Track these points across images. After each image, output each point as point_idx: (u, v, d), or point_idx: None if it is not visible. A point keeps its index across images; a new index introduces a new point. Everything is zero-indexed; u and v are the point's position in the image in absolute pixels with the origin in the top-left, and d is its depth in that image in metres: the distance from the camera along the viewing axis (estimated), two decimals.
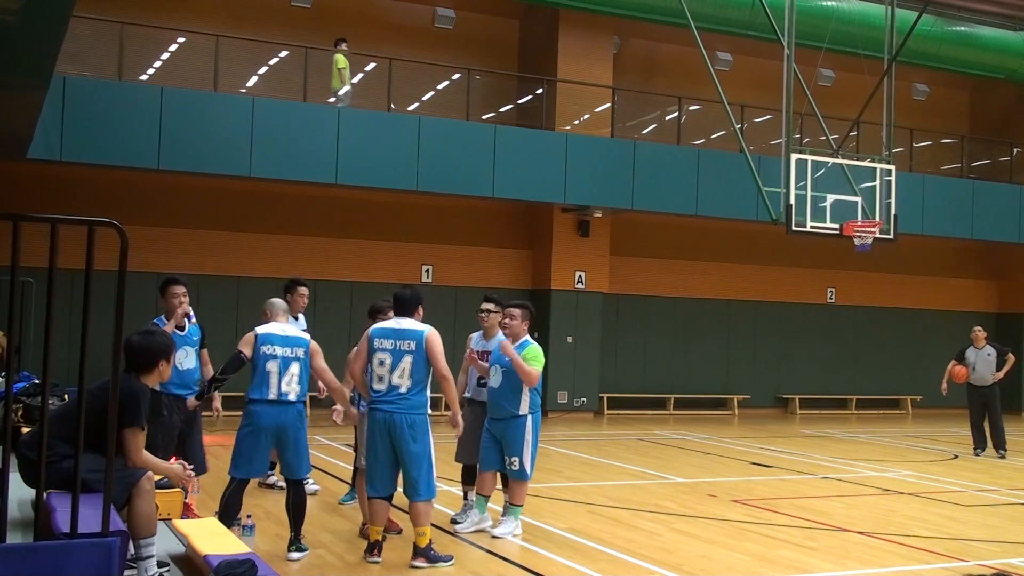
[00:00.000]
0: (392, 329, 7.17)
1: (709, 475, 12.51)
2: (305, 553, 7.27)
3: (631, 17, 19.21)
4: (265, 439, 7.20)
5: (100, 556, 4.52)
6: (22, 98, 10.59)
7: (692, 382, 21.48)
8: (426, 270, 19.35)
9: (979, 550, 8.39)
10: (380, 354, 7.10)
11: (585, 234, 19.74)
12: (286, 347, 7.28)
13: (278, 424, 7.18)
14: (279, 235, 18.13)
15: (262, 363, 7.20)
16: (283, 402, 7.19)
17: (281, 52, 18.09)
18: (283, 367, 7.22)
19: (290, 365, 7.23)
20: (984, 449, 14.87)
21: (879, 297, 23.32)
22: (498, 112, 19.62)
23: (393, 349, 7.09)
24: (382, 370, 7.06)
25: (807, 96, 17.39)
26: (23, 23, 7.66)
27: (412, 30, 19.44)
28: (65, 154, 14.65)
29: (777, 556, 7.82)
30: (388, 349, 7.09)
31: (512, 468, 8.06)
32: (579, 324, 19.65)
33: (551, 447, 14.27)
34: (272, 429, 7.18)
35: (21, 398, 10.47)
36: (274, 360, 7.21)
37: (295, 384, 7.22)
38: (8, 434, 6.47)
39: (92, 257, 4.53)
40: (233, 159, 15.63)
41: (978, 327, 15.37)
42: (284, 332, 7.39)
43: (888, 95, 17.35)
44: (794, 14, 16.45)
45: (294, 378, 7.22)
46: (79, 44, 15.04)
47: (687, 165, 18.67)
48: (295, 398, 7.23)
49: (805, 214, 15.94)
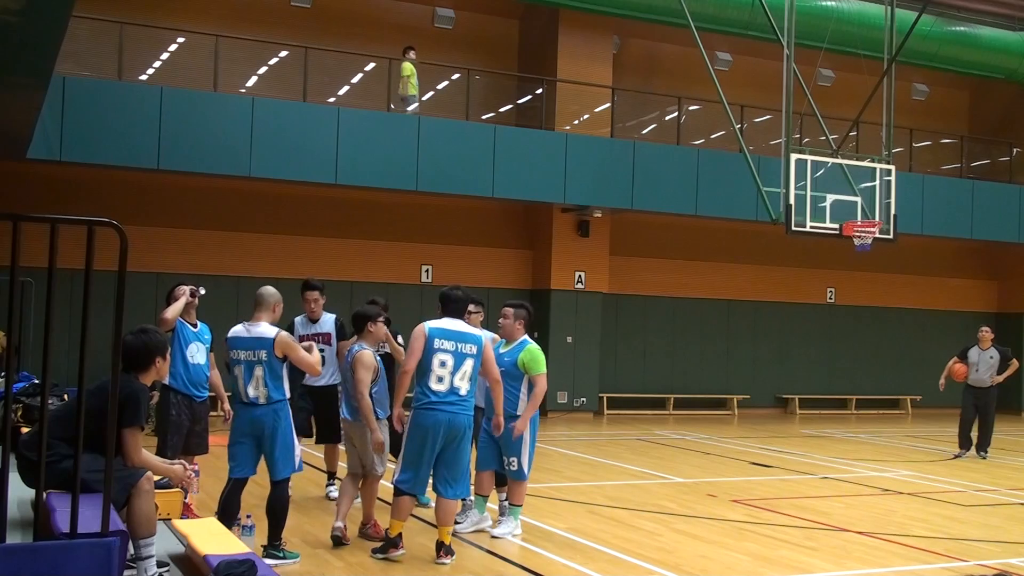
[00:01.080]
0: (452, 331, 7.13)
1: (709, 475, 12.51)
2: (285, 561, 6.92)
3: (631, 17, 19.20)
4: (245, 440, 7.02)
5: (100, 556, 4.53)
6: (22, 98, 10.60)
7: (692, 382, 21.48)
8: (426, 270, 19.35)
9: (979, 550, 8.39)
10: (441, 355, 7.04)
11: (585, 234, 19.75)
12: (247, 350, 6.92)
13: (252, 425, 6.96)
14: (279, 235, 18.12)
15: (232, 367, 7.03)
16: (254, 404, 6.93)
17: (281, 52, 18.09)
18: (247, 371, 6.92)
19: (254, 368, 6.90)
20: (968, 451, 14.66)
21: (879, 297, 23.32)
22: (498, 112, 19.62)
23: (455, 351, 7.05)
24: (443, 371, 7.03)
25: (807, 96, 17.39)
26: (23, 23, 7.67)
27: (412, 30, 19.43)
28: (65, 154, 14.64)
29: (777, 556, 7.81)
30: (449, 351, 7.05)
31: (511, 468, 8.05)
32: (579, 324, 19.65)
33: (551, 447, 14.27)
34: (248, 430, 6.99)
35: (21, 398, 10.47)
36: (238, 365, 6.95)
37: (263, 388, 6.88)
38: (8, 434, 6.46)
39: (92, 257, 4.54)
40: (233, 159, 15.63)
41: (985, 328, 15.22)
42: (248, 333, 6.99)
43: (888, 95, 17.35)
44: (794, 14, 16.45)
45: (259, 381, 6.88)
46: (79, 44, 15.04)
47: (687, 165, 18.68)
48: (265, 401, 6.89)
49: (805, 214, 15.94)
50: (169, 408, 7.87)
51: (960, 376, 14.78)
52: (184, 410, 7.92)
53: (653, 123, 21.05)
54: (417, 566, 7.15)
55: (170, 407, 7.87)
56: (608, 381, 20.41)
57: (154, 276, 16.00)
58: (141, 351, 5.93)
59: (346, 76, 18.70)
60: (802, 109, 17.92)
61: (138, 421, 5.70)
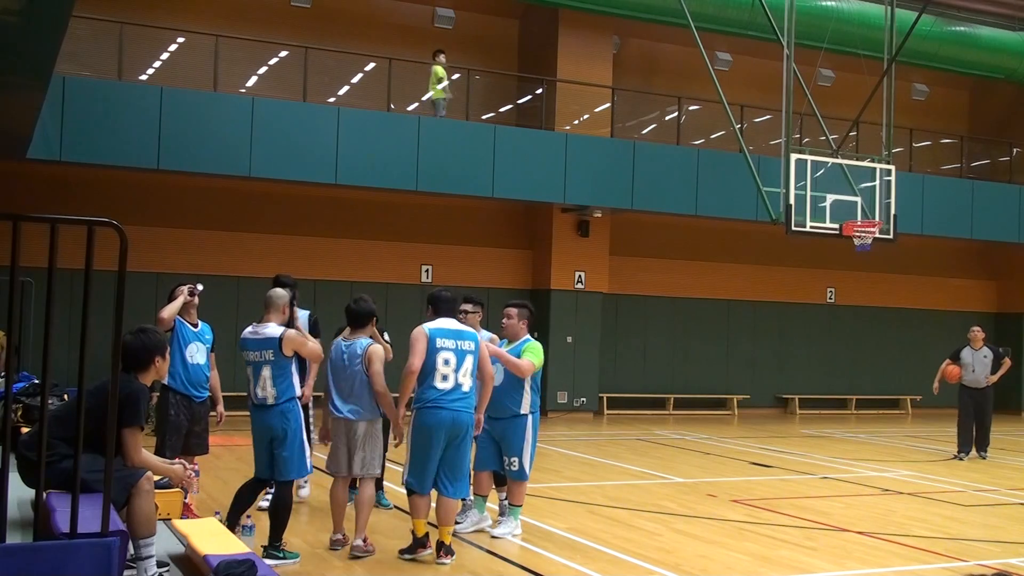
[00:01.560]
0: (451, 330, 7.25)
1: (709, 475, 12.51)
2: (285, 561, 6.92)
3: (631, 17, 19.21)
4: (259, 440, 7.16)
5: (100, 556, 4.53)
6: (22, 98, 10.60)
7: (692, 382, 21.48)
8: (426, 270, 19.35)
9: (979, 550, 8.39)
10: (444, 353, 7.15)
11: (585, 234, 19.74)
12: (255, 351, 7.07)
13: (262, 426, 7.08)
14: (279, 235, 18.12)
15: (246, 368, 7.18)
16: (263, 406, 7.05)
17: (281, 52, 18.08)
18: (255, 372, 7.05)
19: (261, 369, 7.03)
20: (968, 452, 14.54)
21: (879, 297, 23.32)
22: (498, 112, 19.62)
23: (456, 349, 7.18)
24: (447, 369, 7.13)
25: (807, 96, 17.38)
26: (23, 23, 7.66)
27: (412, 30, 19.43)
28: (65, 154, 14.64)
29: (777, 556, 7.82)
30: (451, 349, 7.17)
31: (511, 468, 8.05)
32: (579, 324, 19.65)
33: (551, 447, 14.27)
34: (260, 431, 7.12)
35: (21, 398, 10.46)
36: (248, 365, 7.10)
37: (270, 388, 6.99)
38: (8, 434, 6.46)
39: (92, 257, 4.54)
40: (233, 159, 15.62)
41: (976, 327, 15.15)
42: (256, 334, 7.13)
43: (888, 95, 17.34)
44: (794, 14, 16.44)
45: (267, 382, 6.99)
46: (79, 44, 15.04)
47: (687, 165, 18.67)
48: (273, 402, 7.01)
49: (805, 214, 15.93)
50: (168, 408, 7.87)
51: (954, 378, 14.70)
52: (183, 410, 7.92)
53: (653, 123, 21.05)
54: (417, 566, 7.15)
55: (169, 407, 7.87)
56: (608, 381, 20.41)
57: (154, 276, 16.00)
58: (140, 351, 5.93)
59: (346, 76, 18.70)
60: (802, 109, 17.91)
61: (138, 421, 5.71)
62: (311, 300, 17.49)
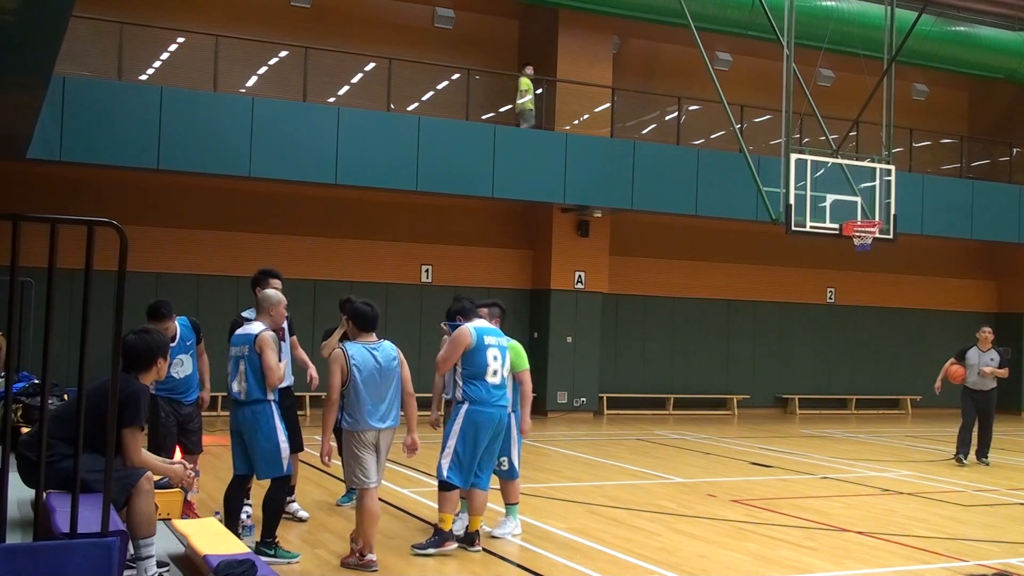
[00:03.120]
0: (492, 329, 7.67)
1: (709, 475, 12.51)
2: (285, 561, 6.89)
3: (631, 17, 19.21)
4: (235, 437, 7.20)
5: (100, 556, 4.52)
6: (22, 98, 10.59)
7: (692, 382, 21.48)
8: (426, 270, 19.35)
9: (979, 550, 8.39)
10: (492, 350, 7.48)
11: (585, 234, 19.74)
12: (237, 346, 7.19)
13: (237, 423, 7.13)
14: (279, 235, 18.12)
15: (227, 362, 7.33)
16: (237, 401, 7.13)
17: (281, 52, 18.08)
18: (234, 367, 7.16)
19: (238, 364, 7.12)
20: (967, 455, 14.10)
21: (879, 297, 23.32)
22: (498, 112, 19.61)
23: (499, 346, 7.56)
24: (496, 364, 7.48)
25: (807, 96, 17.39)
26: (23, 23, 7.66)
27: (412, 30, 19.44)
28: (64, 154, 14.64)
29: (777, 556, 7.81)
30: (495, 345, 7.52)
31: (502, 468, 8.04)
32: (579, 324, 19.64)
33: (551, 447, 14.27)
34: (235, 428, 7.17)
35: (21, 398, 10.46)
36: (229, 360, 7.22)
37: (243, 383, 7.04)
38: (8, 434, 6.46)
39: (92, 257, 4.53)
40: (233, 159, 15.62)
41: (987, 328, 14.66)
42: (243, 331, 7.24)
43: (888, 95, 17.35)
44: (794, 14, 16.45)
45: (242, 376, 7.06)
46: (79, 44, 15.03)
47: (687, 165, 18.67)
48: (245, 398, 7.04)
49: (805, 214, 15.94)
50: (158, 411, 7.86)
51: (957, 379, 14.25)
52: (173, 414, 7.96)
53: (653, 123, 21.05)
54: (419, 564, 7.16)
55: (159, 410, 7.86)
56: (608, 381, 20.41)
57: (154, 276, 15.99)
58: (143, 351, 5.92)
59: (346, 76, 18.70)
60: (802, 109, 17.92)
61: (138, 421, 5.70)
62: (311, 300, 17.55)
